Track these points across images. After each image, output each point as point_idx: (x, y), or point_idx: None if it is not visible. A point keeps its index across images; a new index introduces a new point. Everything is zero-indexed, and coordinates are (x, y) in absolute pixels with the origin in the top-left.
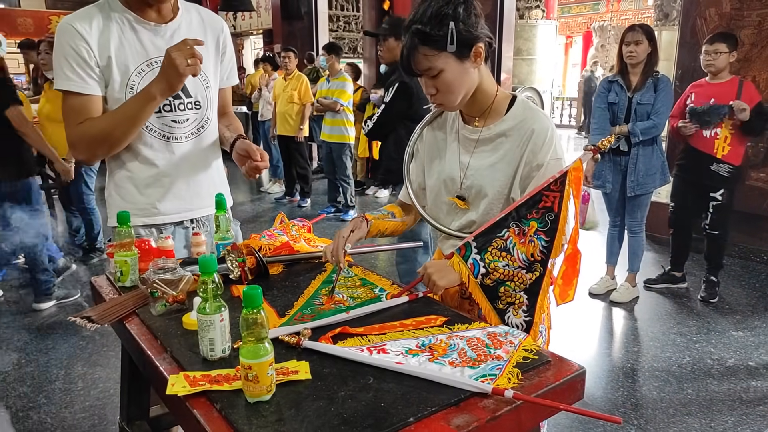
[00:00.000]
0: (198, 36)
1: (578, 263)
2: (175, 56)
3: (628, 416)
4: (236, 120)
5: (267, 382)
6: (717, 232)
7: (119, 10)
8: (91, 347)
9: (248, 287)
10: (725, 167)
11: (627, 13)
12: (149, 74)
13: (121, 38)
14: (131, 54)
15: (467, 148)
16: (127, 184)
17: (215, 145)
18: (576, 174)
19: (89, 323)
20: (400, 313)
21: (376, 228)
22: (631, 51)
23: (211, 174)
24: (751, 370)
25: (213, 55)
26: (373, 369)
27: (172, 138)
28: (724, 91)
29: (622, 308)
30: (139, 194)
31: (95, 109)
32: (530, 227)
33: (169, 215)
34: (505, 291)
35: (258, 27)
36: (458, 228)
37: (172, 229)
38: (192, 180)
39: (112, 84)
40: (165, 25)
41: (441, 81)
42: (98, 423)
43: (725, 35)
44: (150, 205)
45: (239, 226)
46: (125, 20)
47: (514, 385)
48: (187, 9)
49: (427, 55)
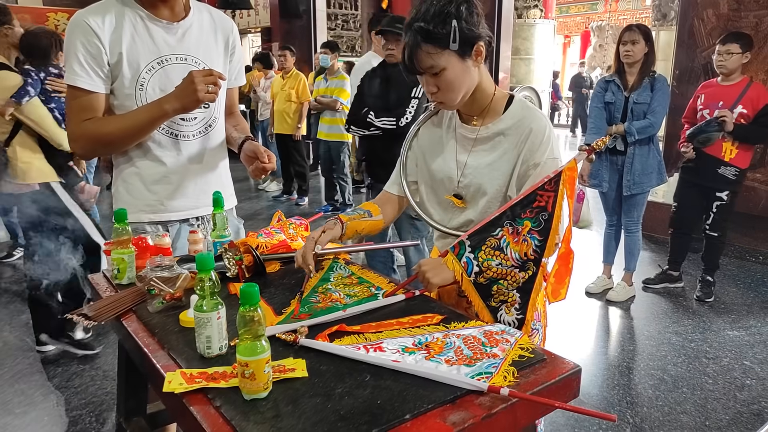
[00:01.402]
0: (209, 36)
1: (571, 262)
2: (197, 81)
3: (623, 414)
4: (243, 120)
5: (264, 379)
6: (717, 233)
7: (132, 7)
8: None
9: (246, 285)
10: (732, 170)
11: (625, 13)
12: (159, 71)
13: (133, 34)
14: (143, 50)
15: (465, 147)
16: (135, 181)
17: (222, 144)
18: (570, 174)
19: (86, 320)
20: (396, 311)
21: (352, 229)
22: (628, 50)
23: (218, 172)
24: (746, 368)
25: (222, 55)
26: (370, 367)
27: (180, 135)
28: (732, 93)
29: (619, 307)
30: (146, 190)
31: (99, 107)
32: (524, 226)
33: (176, 212)
34: (498, 289)
35: (256, 25)
36: (456, 227)
37: (179, 226)
38: (199, 178)
39: (121, 79)
40: (177, 23)
41: (442, 79)
42: (96, 419)
43: (739, 35)
44: (157, 202)
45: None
46: (138, 17)
47: (509, 383)
48: (198, 9)
49: (430, 53)
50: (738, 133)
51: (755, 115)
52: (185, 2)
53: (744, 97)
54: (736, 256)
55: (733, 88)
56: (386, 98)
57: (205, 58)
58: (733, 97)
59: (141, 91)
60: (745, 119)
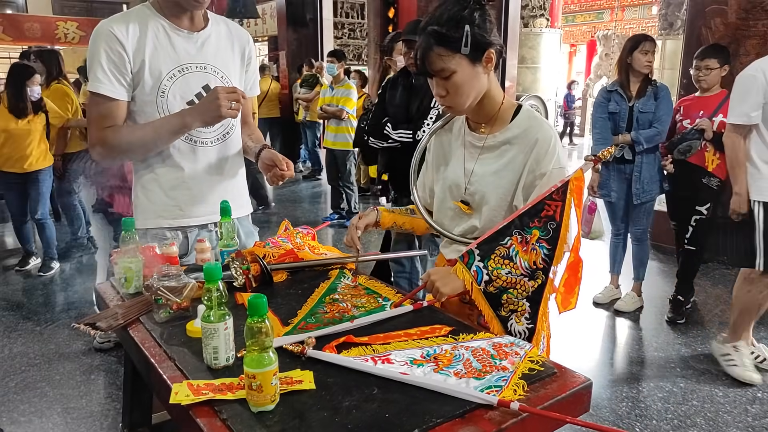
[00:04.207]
0: (226, 47)
1: (580, 271)
2: (221, 97)
3: (632, 427)
4: (257, 130)
5: (271, 391)
6: (695, 248)
7: (155, 17)
8: (94, 353)
9: (253, 296)
10: (715, 180)
11: (631, 22)
12: (180, 79)
13: (155, 43)
14: (164, 58)
15: (472, 155)
16: (154, 186)
17: (239, 152)
18: (578, 183)
19: (93, 330)
20: (404, 323)
21: (391, 220)
22: (649, 60)
23: (235, 180)
24: None
25: (239, 65)
26: (378, 379)
27: (198, 142)
28: (711, 103)
29: (627, 317)
30: (165, 196)
31: (120, 115)
32: (532, 235)
33: (195, 218)
34: (507, 298)
35: (263, 34)
36: (461, 233)
37: (197, 232)
38: (217, 184)
39: (143, 86)
40: (197, 33)
41: (452, 83)
42: (100, 429)
43: (717, 49)
44: (176, 207)
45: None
46: (160, 26)
47: (519, 396)
48: (216, 21)
49: (442, 56)
50: (718, 142)
51: None
52: (204, 13)
53: (724, 106)
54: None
55: (712, 99)
56: (407, 108)
57: (222, 67)
58: (712, 107)
59: (162, 98)
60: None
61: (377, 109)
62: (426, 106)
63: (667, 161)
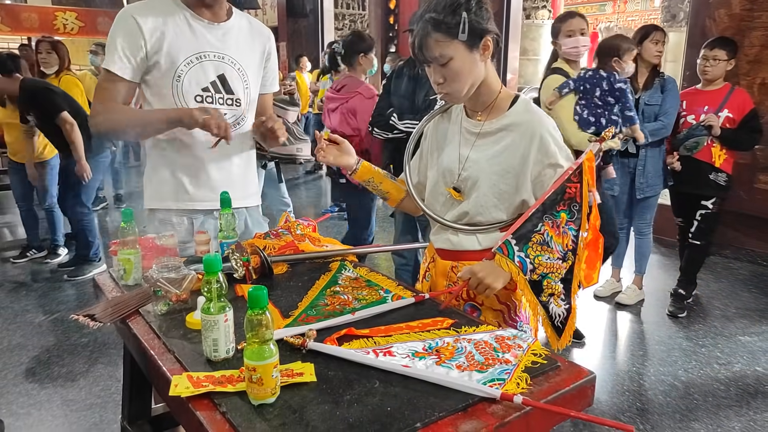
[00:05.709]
0: (246, 41)
1: (600, 247)
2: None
3: (633, 421)
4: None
5: (272, 384)
6: (700, 242)
7: (179, 6)
8: (93, 344)
9: (254, 288)
10: (723, 176)
11: (633, 14)
12: (197, 66)
13: (176, 30)
14: (183, 45)
15: (468, 141)
16: (163, 168)
17: (249, 143)
18: (590, 164)
19: (92, 321)
20: (406, 315)
21: (368, 174)
22: (659, 50)
23: (243, 170)
24: (758, 375)
25: (258, 60)
26: (379, 372)
27: None
28: (716, 97)
29: (628, 311)
30: (172, 177)
31: (123, 93)
32: (561, 219)
33: (200, 202)
34: (547, 284)
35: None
36: (452, 219)
37: (202, 219)
38: (225, 171)
39: (159, 69)
40: (219, 24)
41: (449, 69)
42: (99, 421)
43: (725, 41)
44: (182, 189)
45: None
46: (182, 15)
47: (522, 390)
48: (239, 15)
49: (439, 42)
50: (725, 138)
51: (741, 120)
52: (228, 8)
53: (729, 101)
54: (748, 260)
55: (716, 93)
56: (412, 98)
57: (240, 59)
58: (717, 102)
59: (178, 83)
60: (730, 123)
61: (382, 99)
62: (432, 96)
63: (674, 159)
